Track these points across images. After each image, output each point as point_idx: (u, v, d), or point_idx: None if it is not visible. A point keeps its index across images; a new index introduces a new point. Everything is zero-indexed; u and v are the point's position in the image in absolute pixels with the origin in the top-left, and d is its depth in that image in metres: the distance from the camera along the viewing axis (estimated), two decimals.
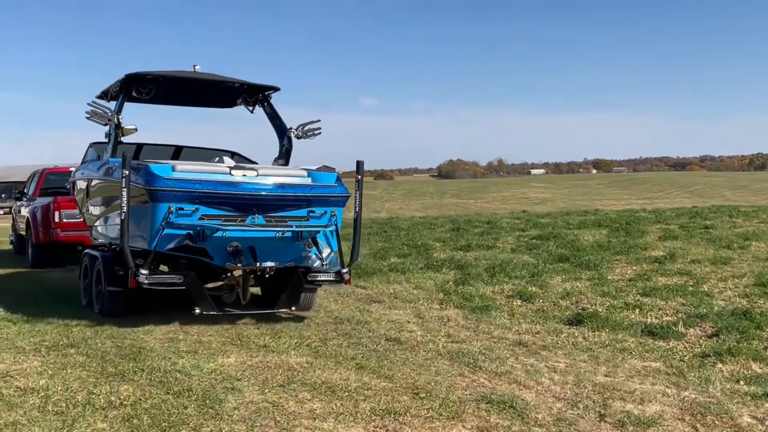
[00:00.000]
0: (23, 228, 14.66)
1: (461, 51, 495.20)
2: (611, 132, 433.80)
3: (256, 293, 8.76)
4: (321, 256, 7.59)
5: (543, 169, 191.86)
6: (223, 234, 6.97)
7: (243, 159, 9.34)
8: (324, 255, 7.61)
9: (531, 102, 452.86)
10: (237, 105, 9.67)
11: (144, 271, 6.96)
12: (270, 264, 7.21)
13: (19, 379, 5.35)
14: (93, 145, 9.57)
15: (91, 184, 8.89)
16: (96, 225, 8.89)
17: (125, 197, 6.78)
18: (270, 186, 7.25)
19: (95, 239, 9.13)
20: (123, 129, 8.08)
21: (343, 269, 7.70)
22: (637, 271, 10.20)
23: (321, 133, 9.00)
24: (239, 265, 7.21)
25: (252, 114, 9.43)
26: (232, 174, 7.28)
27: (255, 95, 9.26)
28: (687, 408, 4.93)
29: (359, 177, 7.68)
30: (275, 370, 5.63)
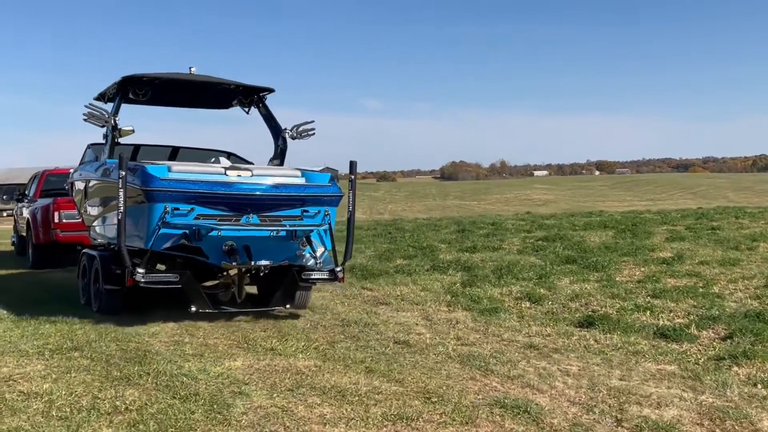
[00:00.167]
0: (24, 229, 14.75)
1: (464, 52, 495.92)
2: (614, 133, 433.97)
3: (252, 292, 8.80)
4: (315, 254, 7.71)
5: (546, 171, 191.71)
6: (219, 233, 7.06)
7: (239, 159, 9.43)
8: (318, 254, 7.73)
9: (534, 103, 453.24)
10: (233, 106, 9.75)
11: (141, 270, 7.08)
12: (264, 262, 7.35)
13: (23, 383, 5.25)
14: (91, 147, 9.64)
15: (89, 184, 8.98)
16: (94, 225, 8.97)
17: (122, 197, 6.89)
18: (264, 186, 7.35)
19: (94, 239, 9.19)
20: (120, 130, 8.20)
21: (337, 267, 7.83)
22: (646, 273, 10.10)
23: (315, 134, 9.08)
24: (234, 264, 7.31)
25: (248, 115, 9.52)
26: (227, 174, 7.37)
27: (250, 96, 9.36)
28: (705, 413, 4.82)
29: (352, 177, 7.85)
30: (283, 373, 5.52)
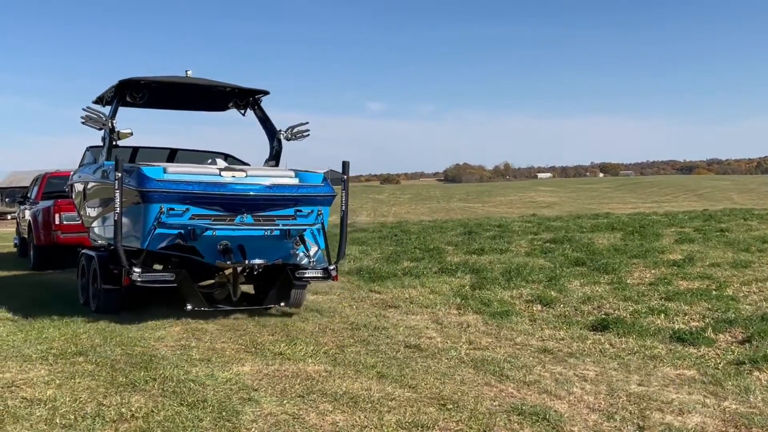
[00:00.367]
0: (26, 231, 14.91)
1: (467, 54, 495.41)
2: (618, 135, 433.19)
3: (249, 292, 8.95)
4: (308, 253, 7.91)
5: (549, 173, 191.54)
6: (213, 233, 7.22)
7: (236, 161, 9.58)
8: (311, 252, 7.94)
9: (537, 105, 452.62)
10: (229, 108, 9.87)
11: (137, 270, 7.24)
12: (258, 261, 7.55)
13: (26, 390, 5.12)
14: (90, 149, 9.77)
15: (88, 186, 9.10)
16: (93, 226, 9.10)
17: (118, 198, 7.06)
18: (258, 186, 7.46)
19: (93, 240, 9.30)
20: (119, 133, 8.36)
21: (330, 266, 7.97)
22: (657, 275, 9.98)
23: (309, 135, 9.24)
24: (229, 263, 7.46)
25: (244, 117, 9.69)
26: (221, 175, 7.51)
27: (245, 99, 9.50)
28: (729, 420, 4.66)
29: (345, 177, 7.95)
30: (293, 379, 5.38)
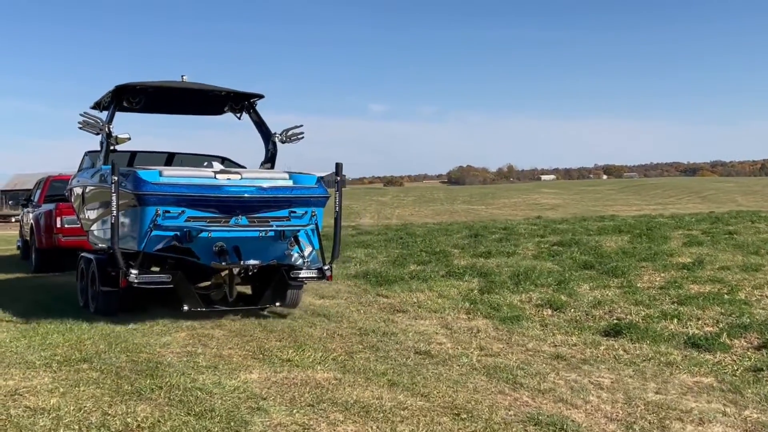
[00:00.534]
0: (29, 234, 14.97)
1: (470, 55, 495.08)
2: (621, 137, 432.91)
3: (247, 293, 9.09)
4: (303, 254, 8.01)
5: (553, 175, 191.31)
6: (209, 234, 7.33)
7: (233, 164, 9.72)
8: (306, 253, 8.04)
9: (541, 107, 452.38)
10: (224, 112, 9.97)
11: (134, 271, 7.34)
12: (253, 262, 7.67)
13: (29, 398, 4.99)
14: (88, 154, 9.89)
15: (86, 190, 9.19)
16: (92, 229, 9.18)
17: (114, 202, 7.16)
18: (252, 188, 7.55)
19: (93, 243, 9.39)
20: (117, 137, 8.43)
21: (325, 266, 8.08)
22: (666, 279, 9.86)
23: (303, 138, 9.32)
24: (224, 264, 7.57)
25: (240, 120, 9.80)
26: (216, 178, 7.65)
27: (241, 102, 9.62)
28: (751, 429, 4.54)
29: (338, 178, 8.02)
30: (302, 387, 5.25)
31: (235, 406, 4.79)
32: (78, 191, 9.73)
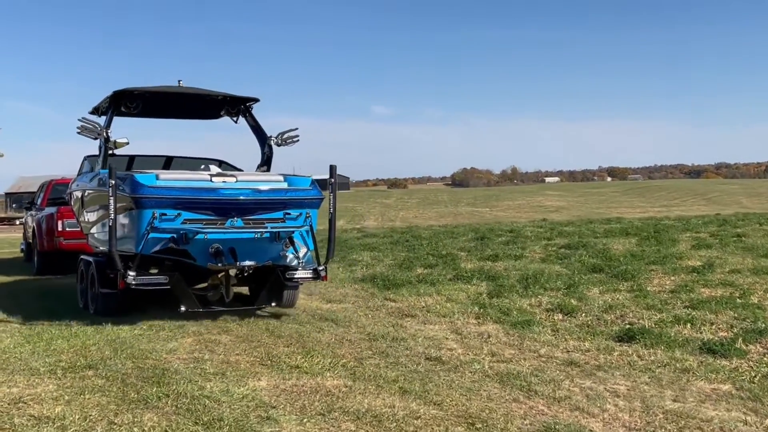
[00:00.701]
0: (31, 237, 15.14)
1: (474, 57, 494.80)
2: (625, 140, 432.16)
3: (245, 293, 9.22)
4: (298, 255, 8.16)
5: (557, 177, 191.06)
6: (205, 236, 7.45)
7: (230, 167, 9.85)
8: (301, 254, 8.19)
9: (544, 109, 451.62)
10: (221, 116, 10.08)
11: (132, 273, 7.48)
12: (249, 263, 7.73)
13: (33, 406, 4.89)
14: (87, 158, 10.06)
15: (85, 194, 9.33)
16: (92, 232, 9.28)
17: (112, 205, 7.31)
18: (248, 191, 7.69)
19: (92, 246, 9.49)
20: (116, 142, 8.60)
21: (320, 267, 8.20)
22: (677, 282, 9.74)
23: (299, 140, 9.50)
24: (220, 265, 7.65)
25: (236, 124, 9.92)
26: (212, 181, 7.74)
27: (237, 107, 9.76)
28: None
29: (332, 180, 8.15)
30: (312, 395, 5.13)
31: (244, 415, 4.68)
32: (77, 195, 9.85)
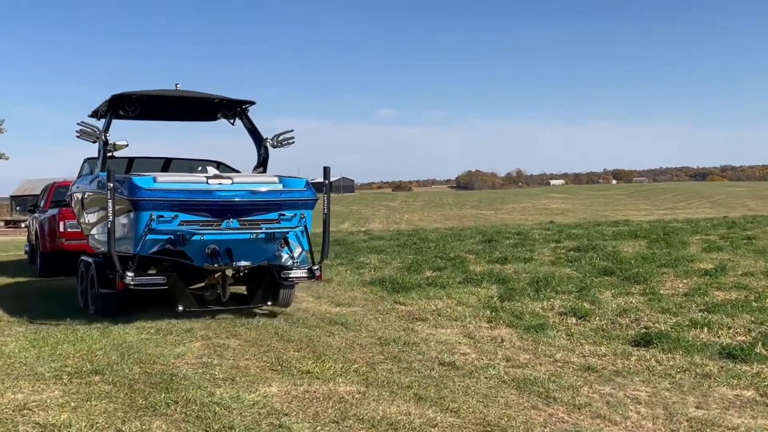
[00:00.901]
0: (34, 238, 15.37)
1: (479, 60, 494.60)
2: (631, 142, 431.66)
3: (242, 293, 9.37)
4: (293, 255, 8.27)
5: (562, 180, 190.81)
6: (201, 238, 7.59)
7: (227, 168, 9.98)
8: (295, 254, 8.30)
9: (550, 112, 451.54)
10: (218, 119, 10.20)
11: (130, 274, 7.63)
12: (245, 263, 7.89)
13: (38, 413, 4.76)
14: (87, 161, 10.20)
15: (85, 196, 9.45)
16: (92, 233, 9.39)
17: (111, 207, 7.49)
18: (243, 192, 7.82)
19: (93, 247, 9.58)
20: (115, 144, 8.72)
21: (314, 266, 8.38)
22: (690, 285, 9.61)
23: (294, 142, 9.61)
24: (216, 266, 7.78)
25: (233, 126, 10.04)
26: (208, 183, 7.88)
27: (233, 109, 9.89)
28: None
29: (327, 182, 8.33)
30: (324, 401, 4.98)
31: (256, 422, 4.53)
32: (78, 197, 9.95)
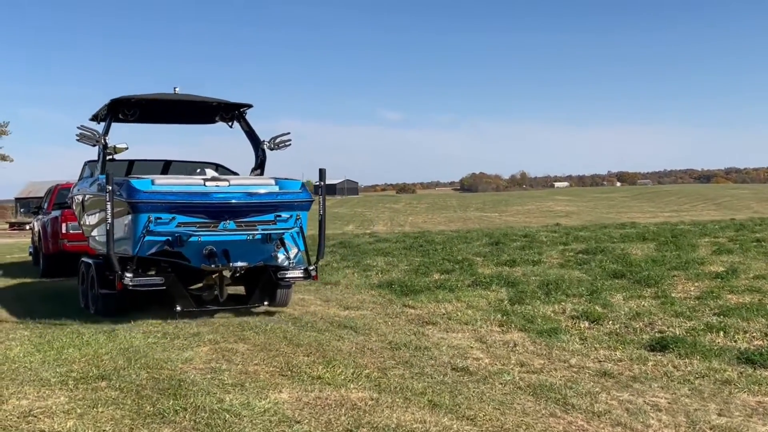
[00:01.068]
0: (38, 240, 15.62)
1: (484, 62, 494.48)
2: (635, 144, 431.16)
3: (241, 293, 9.47)
4: (289, 255, 8.40)
5: (566, 182, 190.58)
6: (199, 239, 7.70)
7: (226, 170, 10.08)
8: (291, 255, 8.44)
9: (554, 114, 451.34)
10: (216, 122, 10.32)
11: (129, 275, 7.80)
12: (241, 264, 8.01)
13: (44, 420, 4.64)
14: (88, 163, 10.39)
15: (86, 198, 9.59)
16: (92, 235, 9.51)
17: (110, 209, 7.60)
18: (239, 194, 7.93)
19: (94, 248, 9.69)
20: (115, 147, 8.87)
21: (310, 267, 8.55)
22: (702, 288, 9.47)
23: (291, 144, 9.71)
24: (213, 266, 7.88)
25: (231, 129, 10.16)
26: (205, 185, 7.98)
27: (231, 112, 10.01)
28: None
29: (322, 183, 8.50)
30: (337, 408, 4.85)
31: (267, 430, 4.41)
32: (79, 199, 10.09)
